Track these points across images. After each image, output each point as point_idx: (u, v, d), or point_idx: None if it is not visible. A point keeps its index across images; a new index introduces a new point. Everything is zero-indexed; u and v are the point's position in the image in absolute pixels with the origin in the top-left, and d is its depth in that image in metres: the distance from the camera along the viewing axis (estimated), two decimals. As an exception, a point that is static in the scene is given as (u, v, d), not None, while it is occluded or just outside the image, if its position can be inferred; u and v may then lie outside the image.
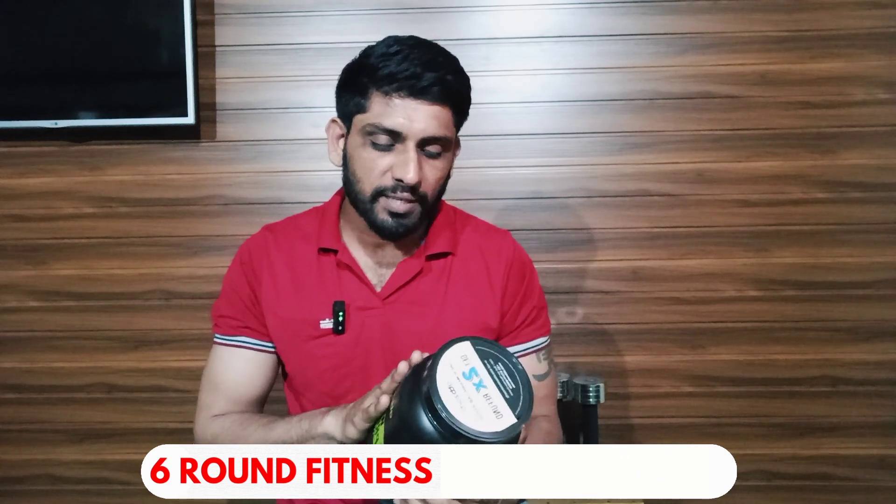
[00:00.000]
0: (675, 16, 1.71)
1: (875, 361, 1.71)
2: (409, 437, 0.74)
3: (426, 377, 0.74)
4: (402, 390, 0.77)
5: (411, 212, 0.96)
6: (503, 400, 0.74)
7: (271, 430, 0.95)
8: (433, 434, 0.72)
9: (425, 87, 0.90)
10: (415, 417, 0.73)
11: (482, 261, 1.06)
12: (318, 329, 1.00)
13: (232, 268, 1.07)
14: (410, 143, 0.92)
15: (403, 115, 0.91)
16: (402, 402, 0.76)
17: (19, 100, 1.71)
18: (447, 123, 0.95)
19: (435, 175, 0.96)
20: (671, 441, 1.74)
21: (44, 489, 1.78)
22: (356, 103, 0.95)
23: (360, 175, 0.95)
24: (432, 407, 0.71)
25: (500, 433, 0.71)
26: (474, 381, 0.74)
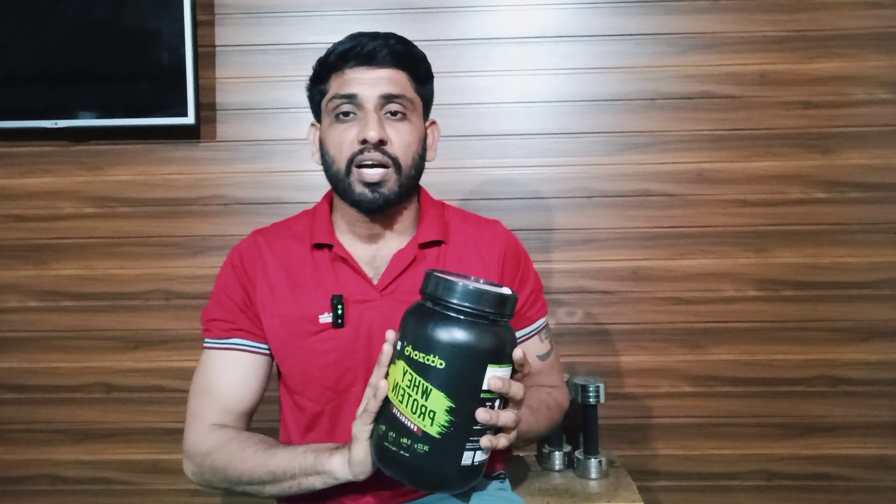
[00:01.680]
0: (675, 16, 1.71)
1: (875, 361, 1.71)
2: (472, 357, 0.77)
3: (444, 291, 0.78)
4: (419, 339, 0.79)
5: (386, 179, 0.99)
6: (489, 283, 0.83)
7: (272, 455, 0.94)
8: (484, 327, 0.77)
9: (371, 51, 0.98)
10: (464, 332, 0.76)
11: (475, 250, 1.08)
12: (318, 324, 1.00)
13: (223, 272, 1.08)
14: (369, 105, 0.98)
15: (357, 81, 0.98)
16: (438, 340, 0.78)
17: (19, 100, 1.71)
18: (403, 85, 1.01)
19: (402, 138, 1.00)
20: (671, 441, 1.74)
21: (44, 489, 1.78)
22: (320, 91, 1.03)
23: (333, 153, 1.01)
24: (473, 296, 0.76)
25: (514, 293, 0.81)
26: (463, 282, 0.80)
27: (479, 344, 0.76)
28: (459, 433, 0.77)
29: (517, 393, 0.79)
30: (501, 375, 0.78)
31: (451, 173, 1.70)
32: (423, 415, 0.76)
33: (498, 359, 0.78)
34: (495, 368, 0.77)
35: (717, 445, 1.74)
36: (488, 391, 0.77)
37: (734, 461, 1.74)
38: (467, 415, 0.77)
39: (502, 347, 0.78)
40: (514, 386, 0.79)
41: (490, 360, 0.77)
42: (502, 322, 0.79)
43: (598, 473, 1.50)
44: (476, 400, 0.77)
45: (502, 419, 0.79)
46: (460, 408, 0.77)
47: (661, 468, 1.74)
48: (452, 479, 0.80)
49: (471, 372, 0.77)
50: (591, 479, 1.49)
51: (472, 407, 0.77)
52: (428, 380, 0.76)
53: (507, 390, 0.78)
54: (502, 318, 0.79)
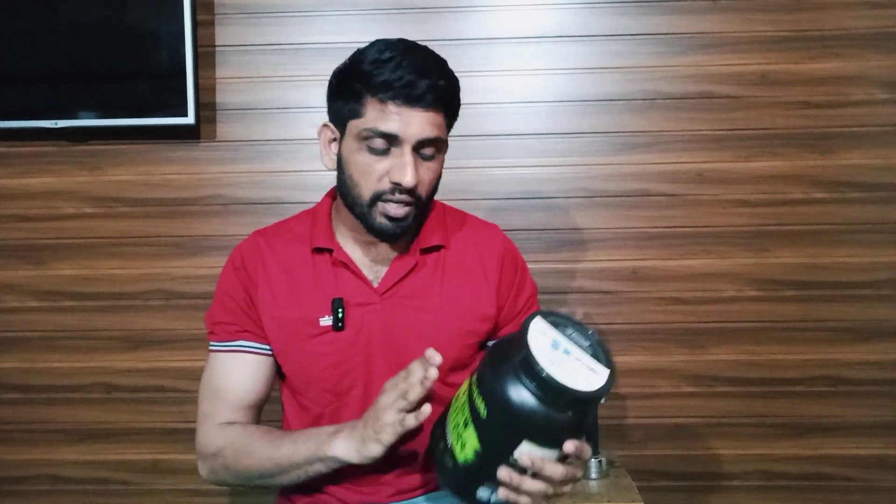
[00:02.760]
0: (675, 16, 1.70)
1: (875, 361, 1.71)
2: (513, 426, 0.75)
3: (523, 361, 0.74)
4: (483, 380, 0.78)
5: (408, 215, 0.98)
6: (590, 357, 0.77)
7: (276, 447, 0.95)
8: (540, 410, 0.74)
9: (420, 94, 0.93)
10: (520, 411, 0.74)
11: (475, 254, 1.08)
12: (318, 327, 1.00)
13: (225, 273, 1.07)
14: (407, 147, 0.94)
15: (399, 121, 0.93)
16: (493, 393, 0.76)
17: (19, 100, 1.71)
18: (440, 126, 0.97)
19: (429, 176, 0.99)
20: (671, 441, 1.74)
21: (44, 489, 1.78)
22: (350, 109, 0.96)
23: (357, 179, 0.97)
24: (544, 384, 0.73)
25: (605, 386, 0.76)
26: (562, 350, 0.76)
27: (524, 417, 0.74)
28: (480, 473, 0.78)
29: (552, 474, 0.77)
30: (536, 455, 0.75)
31: (451, 173, 1.68)
32: (458, 439, 0.80)
33: (540, 439, 0.75)
34: (532, 447, 0.75)
35: (717, 445, 1.74)
36: (516, 461, 0.76)
37: (734, 461, 1.74)
38: (491, 465, 0.77)
39: (551, 431, 0.75)
40: (550, 468, 0.77)
41: (529, 436, 0.75)
42: (573, 414, 0.76)
43: (598, 473, 1.50)
44: (504, 459, 0.76)
45: (526, 487, 0.77)
46: (486, 457, 0.77)
47: (661, 468, 1.74)
48: (464, 498, 0.83)
49: (505, 436, 0.76)
50: (591, 479, 1.49)
51: (498, 461, 0.76)
52: (471, 416, 0.78)
53: (537, 470, 0.76)
54: (571, 409, 0.75)
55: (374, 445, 0.86)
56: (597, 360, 0.77)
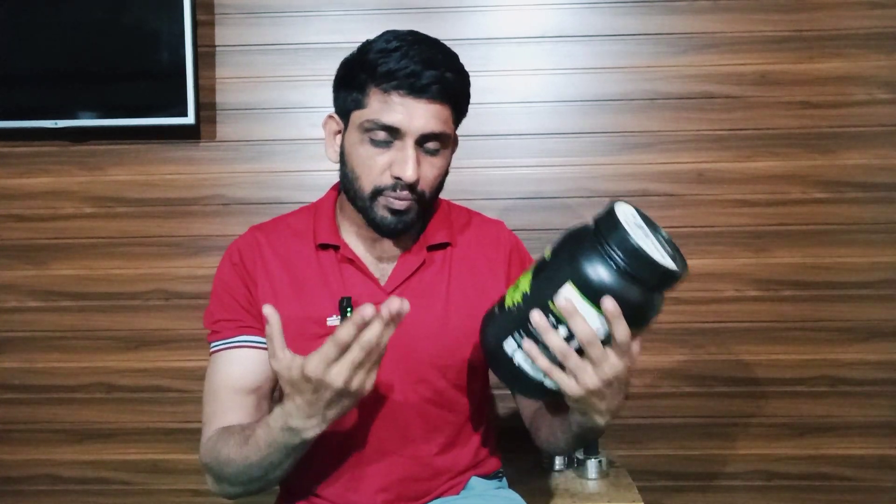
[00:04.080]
0: (675, 16, 1.70)
1: (875, 361, 1.71)
2: (566, 266, 0.77)
3: (604, 216, 0.77)
4: (558, 246, 0.81)
5: (410, 209, 0.96)
6: (666, 254, 0.77)
7: (243, 445, 0.88)
8: (604, 263, 0.74)
9: (424, 85, 0.90)
10: (581, 253, 0.76)
11: (481, 251, 1.07)
12: (325, 326, 0.97)
13: (222, 270, 1.04)
14: (409, 141, 0.92)
15: (402, 113, 0.91)
16: (561, 240, 0.81)
17: (19, 100, 1.71)
18: (446, 121, 0.95)
19: (433, 172, 0.97)
20: (671, 441, 1.74)
21: (44, 489, 1.78)
22: (354, 99, 0.95)
23: (359, 172, 0.95)
24: (615, 233, 0.74)
25: (676, 269, 0.75)
26: (643, 233, 0.77)
27: (579, 258, 0.76)
28: (518, 318, 0.79)
29: (580, 330, 0.74)
30: (574, 301, 0.74)
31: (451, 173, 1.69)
32: (514, 286, 0.83)
33: (583, 287, 0.74)
34: (574, 291, 0.75)
35: (717, 445, 1.74)
36: (553, 307, 0.76)
37: (734, 461, 1.74)
38: (528, 308, 0.77)
39: (595, 282, 0.74)
40: (580, 322, 0.74)
41: (574, 280, 0.75)
42: (631, 275, 0.74)
43: (598, 473, 1.50)
44: (542, 303, 0.77)
45: (551, 337, 0.76)
46: (530, 299, 0.78)
47: (661, 468, 1.74)
48: (490, 351, 0.85)
49: (554, 276, 0.77)
50: (591, 479, 1.49)
51: (536, 304, 0.77)
52: (535, 266, 0.83)
53: (568, 315, 0.74)
54: (629, 271, 0.74)
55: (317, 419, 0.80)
56: (671, 259, 0.77)
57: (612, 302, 0.73)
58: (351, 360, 0.75)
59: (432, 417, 1.01)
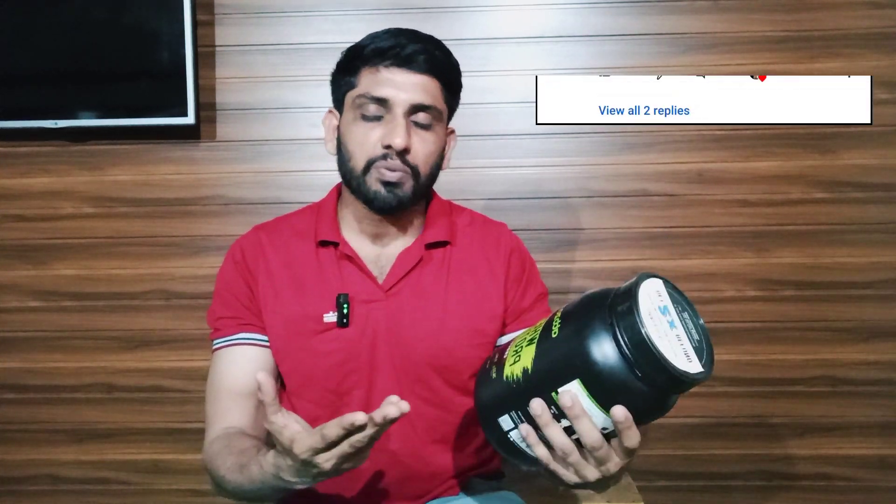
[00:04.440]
0: (675, 16, 1.70)
1: (875, 361, 1.71)
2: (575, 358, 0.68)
3: (622, 297, 0.67)
4: (570, 307, 0.72)
5: (403, 182, 0.97)
6: (691, 347, 0.68)
7: (238, 472, 0.87)
8: (617, 363, 0.66)
9: (410, 55, 0.95)
10: (591, 343, 0.67)
11: (481, 252, 1.06)
12: (322, 323, 0.98)
13: (224, 268, 1.05)
14: (398, 111, 0.95)
15: (391, 84, 0.95)
16: (573, 318, 0.70)
17: (19, 100, 1.71)
18: (435, 94, 0.98)
19: (425, 147, 0.98)
20: (671, 441, 1.74)
21: (44, 489, 1.78)
22: (347, 83, 1.00)
23: (353, 149, 0.98)
24: (631, 329, 0.65)
25: (693, 375, 0.65)
26: (668, 319, 0.68)
27: (591, 355, 0.67)
28: (516, 396, 0.72)
29: (584, 432, 0.68)
30: (579, 401, 0.68)
31: (451, 173, 1.68)
32: (515, 353, 0.75)
33: (592, 386, 0.67)
34: (581, 390, 0.67)
35: (717, 445, 1.74)
36: (557, 400, 0.69)
37: (734, 461, 1.74)
38: (530, 391, 0.71)
39: (608, 384, 0.66)
40: (586, 424, 0.68)
41: (583, 378, 0.67)
42: (642, 380, 0.66)
43: (598, 473, 1.50)
44: (546, 390, 0.69)
45: (551, 431, 0.70)
46: (531, 379, 0.71)
47: (661, 468, 1.74)
48: (483, 419, 0.78)
49: (561, 366, 0.69)
50: (591, 479, 1.49)
51: (539, 391, 0.70)
52: (540, 335, 0.73)
53: (572, 417, 0.68)
54: (642, 375, 0.66)
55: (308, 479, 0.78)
56: (696, 353, 0.68)
57: (623, 412, 0.66)
58: (339, 453, 0.73)
59: (430, 417, 1.01)
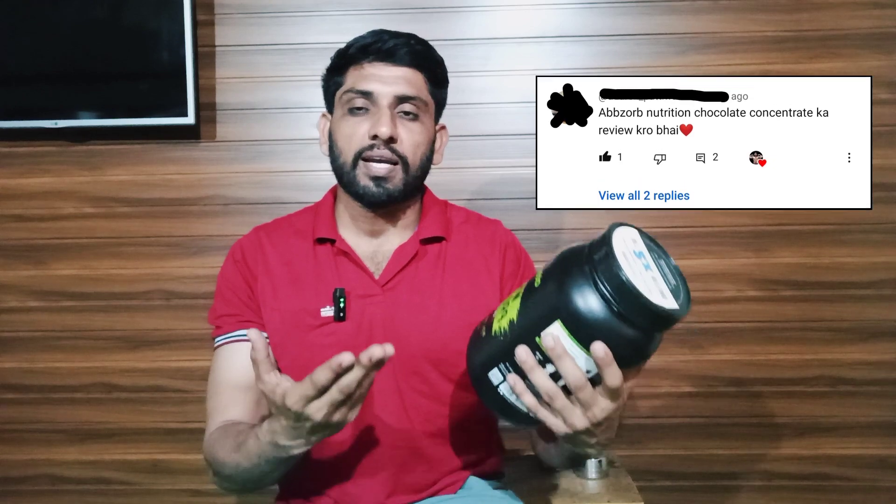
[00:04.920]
0: (675, 16, 1.70)
1: (875, 361, 1.71)
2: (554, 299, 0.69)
3: (598, 243, 0.70)
4: (551, 263, 0.75)
5: (392, 176, 1.00)
6: (667, 288, 0.70)
7: (236, 451, 0.89)
8: (595, 302, 0.67)
9: (391, 48, 0.99)
10: (570, 286, 0.68)
11: (476, 247, 1.08)
12: (319, 318, 1.00)
13: (225, 267, 1.08)
14: (383, 102, 0.99)
15: (375, 78, 0.99)
16: (553, 266, 0.73)
17: (19, 100, 1.71)
18: (419, 86, 1.02)
19: (412, 137, 1.01)
20: (671, 441, 1.74)
21: (44, 489, 1.78)
22: (335, 82, 1.04)
23: (342, 145, 1.01)
24: (607, 269, 0.67)
25: (669, 310, 0.67)
26: (643, 262, 0.71)
27: (568, 293, 0.68)
28: (504, 348, 0.73)
29: (568, 372, 0.69)
30: (561, 341, 0.68)
31: (451, 173, 1.70)
32: (502, 309, 0.77)
33: (574, 327, 0.68)
34: (562, 330, 0.68)
35: (717, 445, 1.74)
36: (541, 344, 0.70)
37: (734, 461, 1.74)
38: (517, 341, 0.72)
39: (585, 320, 0.67)
40: (568, 364, 0.69)
41: (563, 319, 0.68)
42: (621, 317, 0.67)
43: (598, 473, 1.50)
44: (530, 337, 0.71)
45: (536, 376, 0.71)
46: (517, 329, 0.73)
47: (661, 468, 1.74)
48: (474, 378, 0.79)
49: (542, 310, 0.71)
50: (591, 479, 1.49)
51: (523, 340, 0.71)
52: (524, 289, 0.76)
53: (555, 357, 0.69)
54: (621, 311, 0.67)
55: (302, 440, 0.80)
56: (672, 293, 0.70)
57: (602, 348, 0.67)
58: (329, 400, 0.75)
59: (426, 410, 1.02)
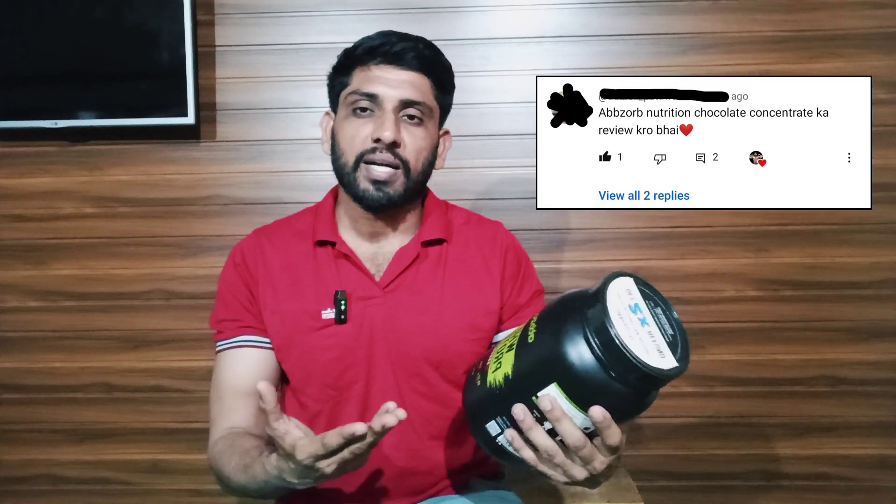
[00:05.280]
0: (675, 16, 1.70)
1: (875, 361, 1.71)
2: (550, 361, 0.68)
3: (591, 299, 0.68)
4: (545, 312, 0.73)
5: (393, 179, 0.99)
6: (664, 342, 0.69)
7: (243, 472, 0.89)
8: (591, 364, 0.66)
9: (399, 52, 0.98)
10: (564, 347, 0.67)
11: (477, 250, 1.08)
12: (320, 320, 1.00)
13: (225, 271, 1.07)
14: (388, 106, 0.98)
15: (381, 81, 0.98)
16: (547, 322, 0.71)
17: (19, 100, 1.71)
18: (424, 91, 1.00)
19: (415, 143, 1.00)
20: (671, 441, 1.74)
21: (44, 489, 1.78)
22: (340, 83, 1.02)
23: (344, 146, 1.00)
24: (601, 331, 0.66)
25: (665, 371, 0.66)
26: (639, 317, 0.69)
27: (565, 356, 0.67)
28: (499, 402, 0.73)
29: (567, 433, 0.69)
30: (558, 404, 0.68)
31: (451, 173, 1.70)
32: (496, 360, 0.77)
33: (569, 388, 0.68)
34: (559, 393, 0.68)
35: (717, 445, 1.74)
36: (536, 403, 0.70)
37: (734, 461, 1.74)
38: (513, 396, 0.72)
39: (583, 385, 0.67)
40: (567, 425, 0.69)
41: (560, 380, 0.68)
42: (617, 380, 0.67)
43: (598, 473, 1.50)
44: (526, 395, 0.70)
45: (535, 435, 0.71)
46: (512, 385, 0.72)
47: (661, 468, 1.74)
48: (472, 425, 0.79)
49: (538, 370, 0.70)
50: (591, 479, 1.49)
51: (520, 396, 0.71)
52: (518, 341, 0.75)
53: (553, 420, 0.69)
54: (617, 375, 0.67)
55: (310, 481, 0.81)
56: (670, 348, 0.69)
57: (601, 412, 0.67)
58: (339, 459, 0.76)
59: (427, 413, 1.02)
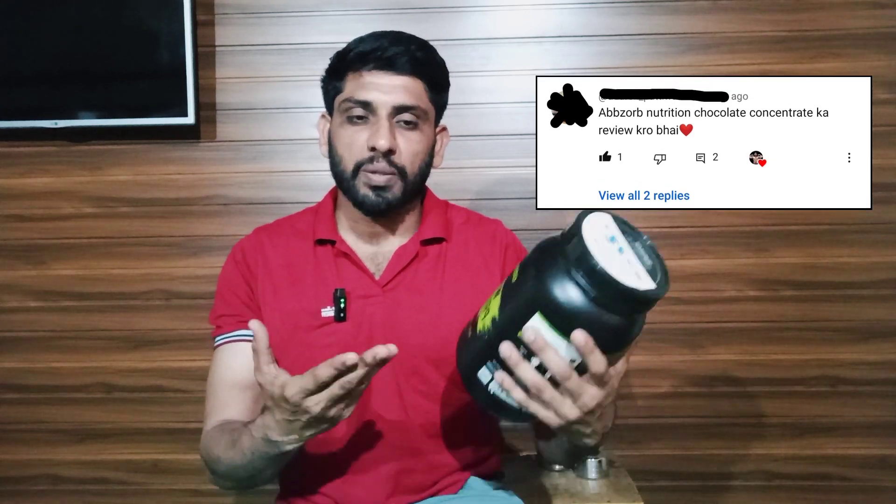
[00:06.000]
0: (675, 16, 1.70)
1: (875, 361, 1.71)
2: (532, 292, 0.70)
3: (569, 234, 0.72)
4: (527, 257, 0.76)
5: (391, 185, 1.00)
6: (643, 269, 0.72)
7: (231, 447, 0.91)
8: (570, 288, 0.68)
9: (391, 57, 0.97)
10: (544, 274, 0.70)
11: (477, 247, 1.08)
12: (320, 318, 1.00)
13: (225, 268, 1.08)
14: (382, 112, 0.98)
15: (374, 88, 0.98)
16: (528, 259, 0.75)
17: (19, 100, 1.71)
18: (418, 94, 1.00)
19: (411, 147, 1.00)
20: (671, 441, 1.74)
21: (44, 489, 1.78)
22: (334, 87, 1.03)
23: (341, 153, 1.01)
24: (579, 257, 0.68)
25: (643, 291, 0.68)
26: (616, 246, 0.72)
27: (544, 284, 0.69)
28: (489, 346, 0.74)
29: (551, 362, 0.69)
30: (542, 334, 0.69)
31: (451, 173, 1.70)
32: (485, 307, 0.78)
33: (553, 318, 0.69)
34: (542, 322, 0.69)
35: (717, 445, 1.74)
36: (523, 338, 0.70)
37: (734, 461, 1.74)
38: (500, 337, 0.72)
39: (564, 313, 0.68)
40: (551, 354, 0.69)
41: (541, 310, 0.69)
42: (597, 303, 0.68)
43: (598, 473, 1.50)
44: (512, 332, 0.71)
45: (522, 371, 0.70)
46: (499, 326, 0.73)
47: (661, 468, 1.74)
48: (465, 378, 0.80)
49: (521, 304, 0.71)
50: (591, 479, 1.49)
51: (506, 336, 0.71)
52: (503, 285, 0.77)
53: (537, 349, 0.69)
54: (598, 297, 0.68)
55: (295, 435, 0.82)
56: (649, 274, 0.72)
57: (583, 336, 0.67)
58: (329, 395, 0.77)
59: (426, 411, 1.02)
